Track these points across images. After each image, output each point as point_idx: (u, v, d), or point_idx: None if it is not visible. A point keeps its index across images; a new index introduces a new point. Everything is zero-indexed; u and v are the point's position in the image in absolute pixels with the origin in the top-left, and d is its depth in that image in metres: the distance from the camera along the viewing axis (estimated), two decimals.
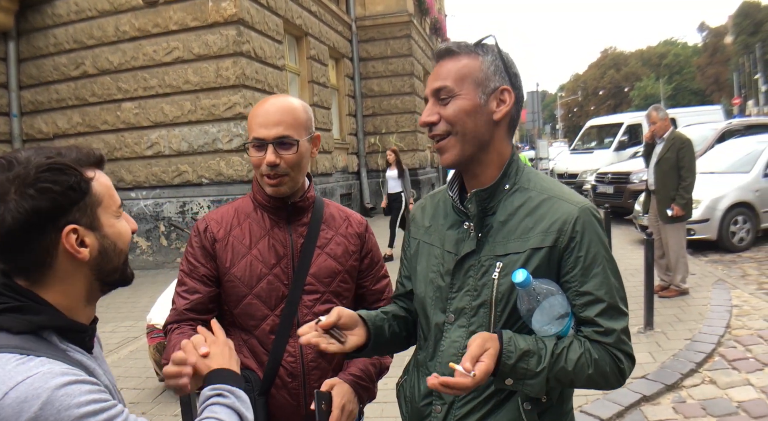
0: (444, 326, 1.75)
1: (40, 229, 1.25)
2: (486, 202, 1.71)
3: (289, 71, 14.09)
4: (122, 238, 1.40)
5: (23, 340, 1.21)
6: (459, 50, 1.70)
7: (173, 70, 11.18)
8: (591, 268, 1.61)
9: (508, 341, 1.55)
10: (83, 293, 1.36)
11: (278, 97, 2.13)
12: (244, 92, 10.91)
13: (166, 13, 11.10)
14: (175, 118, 11.25)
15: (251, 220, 2.15)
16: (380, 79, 19.34)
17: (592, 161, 18.76)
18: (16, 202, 1.21)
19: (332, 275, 2.15)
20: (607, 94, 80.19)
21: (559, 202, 1.67)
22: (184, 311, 2.09)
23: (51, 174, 1.25)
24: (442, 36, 26.60)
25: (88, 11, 11.68)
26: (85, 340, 1.37)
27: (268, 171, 2.02)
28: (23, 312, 1.26)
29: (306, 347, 2.06)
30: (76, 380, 1.15)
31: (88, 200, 1.31)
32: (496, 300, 1.65)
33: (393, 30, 19.20)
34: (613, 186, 14.47)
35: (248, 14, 11.07)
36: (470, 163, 1.73)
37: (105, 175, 1.40)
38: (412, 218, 2.01)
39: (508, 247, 1.66)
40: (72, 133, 12.09)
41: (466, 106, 1.66)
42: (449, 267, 1.75)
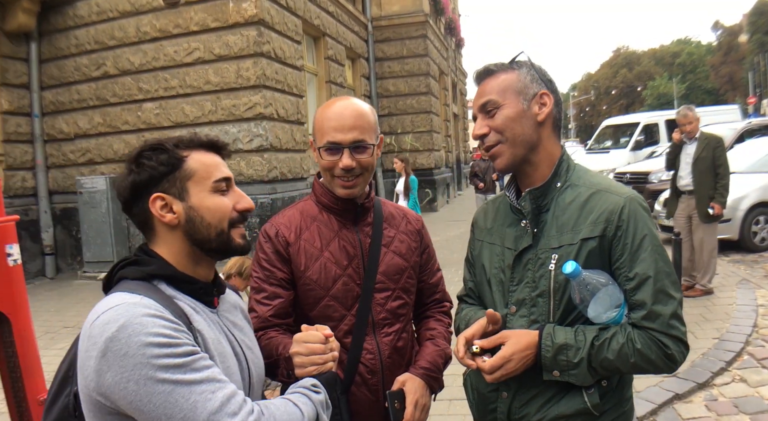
0: (507, 318, 1.88)
1: (140, 196, 1.54)
2: (540, 200, 1.85)
3: (308, 71, 14.14)
4: (212, 212, 1.55)
5: (136, 285, 1.45)
6: (496, 69, 1.89)
7: (194, 71, 11.24)
8: (638, 253, 1.71)
9: (546, 335, 1.74)
10: (185, 253, 1.57)
11: (347, 100, 2.16)
12: (264, 92, 10.96)
13: (187, 14, 11.16)
14: (196, 118, 11.30)
15: (318, 222, 2.18)
16: (396, 79, 19.38)
17: (608, 161, 18.72)
18: (127, 176, 1.54)
19: (400, 272, 2.21)
20: (620, 93, 79.86)
21: (606, 194, 1.79)
22: (269, 317, 2.10)
23: (149, 152, 1.54)
24: (456, 36, 26.61)
25: (110, 12, 11.76)
26: (198, 291, 1.57)
27: (343, 174, 2.06)
28: (139, 264, 1.53)
29: (382, 344, 2.15)
30: (155, 315, 1.34)
31: (178, 174, 1.54)
32: (554, 290, 1.78)
33: (409, 30, 19.23)
34: (631, 186, 14.34)
35: (268, 15, 11.11)
36: (522, 165, 1.88)
37: (213, 155, 1.61)
38: (474, 222, 2.17)
39: (561, 239, 1.79)
40: (93, 133, 12.18)
41: (511, 114, 1.82)
42: (509, 262, 1.90)
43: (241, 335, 1.68)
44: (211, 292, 1.62)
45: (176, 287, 1.53)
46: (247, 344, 1.69)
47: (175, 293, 1.52)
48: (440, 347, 2.25)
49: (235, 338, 1.63)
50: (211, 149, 1.62)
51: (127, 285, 1.45)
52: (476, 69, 1.96)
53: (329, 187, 2.16)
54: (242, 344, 1.65)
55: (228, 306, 1.72)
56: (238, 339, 1.64)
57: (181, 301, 1.50)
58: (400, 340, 2.19)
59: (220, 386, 1.35)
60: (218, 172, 1.59)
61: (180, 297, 1.51)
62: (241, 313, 1.79)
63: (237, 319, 1.72)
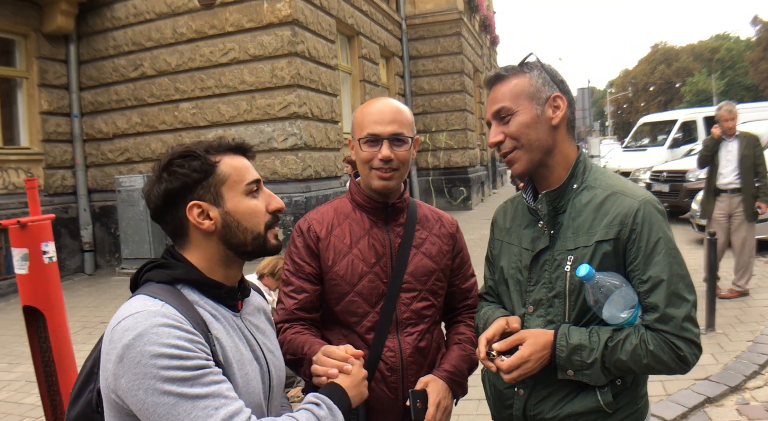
0: (524, 317, 1.92)
1: (174, 204, 1.54)
2: (556, 202, 1.88)
3: (342, 71, 14.18)
4: (248, 216, 1.57)
5: (160, 288, 1.48)
6: (507, 73, 1.89)
7: (229, 71, 11.34)
8: (652, 256, 1.73)
9: (561, 336, 1.77)
10: (218, 258, 1.58)
11: (386, 99, 2.25)
12: (299, 92, 11.01)
13: (222, 15, 11.26)
14: (231, 118, 11.40)
15: (351, 220, 2.24)
16: (430, 78, 19.34)
17: (645, 159, 18.42)
18: (158, 184, 1.54)
19: (428, 274, 2.23)
20: (658, 90, 78.61)
21: (622, 197, 1.80)
22: (295, 310, 2.19)
23: (181, 160, 1.54)
24: (491, 33, 26.47)
25: (146, 14, 11.91)
26: (222, 296, 1.59)
27: (381, 165, 2.13)
28: (165, 268, 1.55)
29: (404, 343, 2.17)
30: (172, 324, 1.36)
31: (211, 180, 1.54)
32: (569, 291, 1.82)
33: (443, 28, 19.16)
34: (668, 184, 14.13)
35: (302, 15, 11.16)
36: (539, 168, 1.90)
37: (241, 158, 1.62)
38: (494, 221, 2.20)
39: (577, 241, 1.81)
40: (131, 133, 12.36)
41: (525, 120, 1.84)
42: (526, 262, 1.94)
43: (263, 339, 1.70)
44: (235, 296, 1.64)
45: (200, 291, 1.55)
46: (269, 347, 1.71)
47: (198, 297, 1.54)
48: (466, 352, 2.26)
49: (257, 342, 1.65)
50: (238, 152, 1.64)
51: (151, 288, 1.48)
52: (486, 75, 2.00)
53: (366, 182, 2.21)
54: (264, 347, 1.67)
55: (252, 309, 1.74)
56: (260, 343, 1.66)
57: (203, 307, 1.52)
58: (423, 340, 2.20)
59: (225, 402, 1.35)
60: (249, 174, 1.61)
61: (202, 302, 1.53)
62: (265, 316, 1.81)
63: (260, 322, 1.75)
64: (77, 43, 12.47)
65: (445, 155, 19.35)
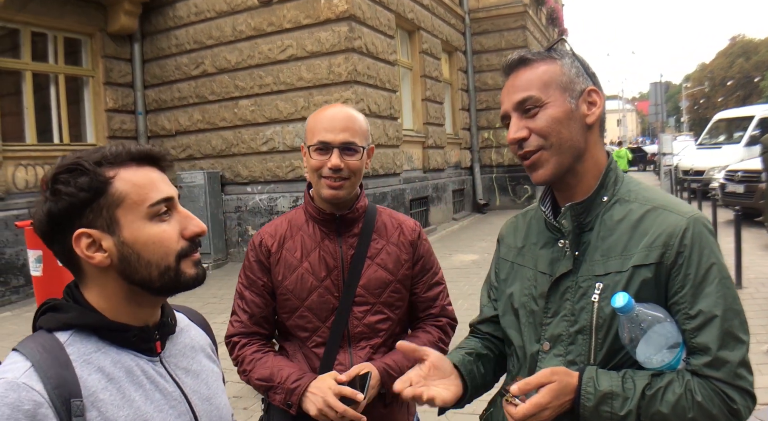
0: (538, 356, 1.60)
1: (61, 230, 1.24)
2: (582, 217, 1.57)
3: (402, 66, 14.07)
4: (151, 247, 1.26)
5: (40, 342, 1.21)
6: (534, 58, 1.59)
7: (287, 68, 11.37)
8: (703, 286, 1.42)
9: (588, 380, 1.43)
10: (121, 296, 1.29)
11: (340, 105, 2.19)
12: (356, 88, 10.95)
13: (280, 12, 11.29)
14: (289, 114, 11.44)
15: (303, 232, 2.20)
16: (494, 73, 18.98)
17: (720, 157, 17.68)
18: (42, 205, 1.24)
19: (382, 286, 2.15)
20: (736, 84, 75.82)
21: (665, 213, 1.50)
22: (248, 324, 2.19)
23: (66, 175, 1.23)
24: (559, 26, 25.90)
25: (207, 12, 12.05)
26: (131, 340, 1.30)
27: (331, 174, 2.06)
28: (58, 310, 1.27)
29: (356, 357, 2.11)
30: (16, 406, 1.09)
31: (103, 201, 1.24)
32: (596, 326, 1.49)
33: (507, 21, 18.80)
34: (743, 185, 13.40)
35: (360, 10, 11.09)
36: (565, 175, 1.58)
37: (148, 170, 1.30)
38: (501, 239, 1.89)
39: (608, 265, 1.50)
40: (192, 130, 12.55)
41: (558, 114, 1.53)
42: (543, 289, 1.61)
43: (194, 384, 1.41)
44: (150, 337, 1.34)
45: (101, 337, 1.27)
46: (203, 394, 1.42)
47: (93, 348, 1.25)
48: None
49: (182, 390, 1.36)
50: (145, 163, 1.31)
51: (31, 341, 1.22)
52: (506, 58, 1.65)
53: (317, 190, 2.15)
54: (192, 395, 1.38)
55: (182, 348, 1.44)
56: (186, 391, 1.37)
57: (93, 364, 1.23)
58: (377, 354, 2.14)
59: None
60: (155, 192, 1.28)
61: (95, 356, 1.24)
62: (204, 355, 1.51)
63: (193, 364, 1.44)
64: (141, 42, 12.74)
65: (509, 152, 18.93)
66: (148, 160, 1.31)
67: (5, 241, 9.57)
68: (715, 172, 16.61)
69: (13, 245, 9.63)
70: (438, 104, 15.81)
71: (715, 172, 16.49)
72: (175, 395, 1.33)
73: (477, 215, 18.13)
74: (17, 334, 7.73)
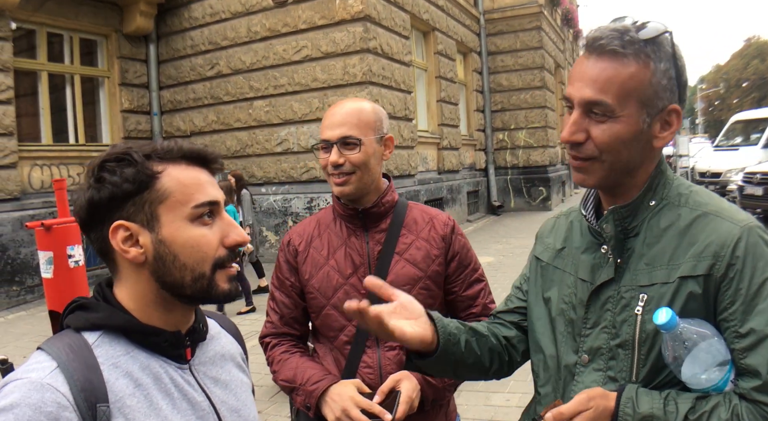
0: (575, 368, 1.48)
1: (100, 220, 1.20)
2: (627, 222, 1.44)
3: (417, 67, 14.02)
4: (188, 249, 1.21)
5: (67, 342, 1.17)
6: (626, 50, 1.33)
7: (302, 69, 11.36)
8: (755, 303, 1.28)
9: (626, 402, 1.31)
10: (151, 298, 1.24)
11: (349, 100, 2.15)
12: (371, 89, 10.92)
13: (295, 13, 11.29)
14: (304, 115, 11.43)
15: (330, 230, 2.16)
16: (509, 74, 18.92)
17: (737, 159, 17.48)
18: (84, 192, 1.20)
19: (411, 282, 2.05)
20: (752, 86, 75.18)
21: (716, 220, 1.36)
22: (279, 324, 2.18)
23: (113, 164, 1.19)
24: (574, 27, 25.80)
25: (222, 13, 12.06)
26: (161, 345, 1.24)
27: (333, 171, 2.03)
28: (86, 309, 1.22)
29: (385, 358, 2.02)
30: (17, 412, 1.04)
31: (146, 195, 1.19)
32: (639, 341, 1.37)
33: (522, 22, 18.71)
34: (762, 187, 13.18)
35: (375, 11, 11.06)
36: (612, 186, 1.47)
37: (197, 171, 1.26)
38: (538, 236, 1.76)
39: (653, 276, 1.37)
40: (207, 130, 12.57)
41: (624, 134, 1.36)
42: (583, 298, 1.49)
43: (223, 394, 1.35)
44: (181, 343, 1.28)
45: (130, 340, 1.22)
46: (231, 405, 1.36)
47: (122, 351, 1.20)
48: None
49: (210, 399, 1.31)
50: (196, 162, 1.27)
51: (57, 341, 1.18)
52: (594, 33, 1.38)
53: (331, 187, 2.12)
54: (220, 405, 1.32)
55: (213, 356, 1.38)
56: (214, 400, 1.31)
57: (121, 368, 1.18)
58: None
59: None
60: (200, 193, 1.23)
61: (123, 360, 1.19)
62: (233, 365, 1.45)
63: (222, 373, 1.38)
64: (156, 42, 12.78)
65: (524, 154, 18.90)
66: (200, 160, 1.27)
67: (20, 240, 9.61)
68: (732, 174, 16.43)
69: (28, 244, 9.66)
70: (453, 105, 15.75)
71: (732, 175, 16.30)
72: (203, 405, 1.28)
73: (491, 216, 18.05)
74: (32, 333, 7.75)
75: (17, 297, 9.48)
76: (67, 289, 3.02)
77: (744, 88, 76.30)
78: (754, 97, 73.26)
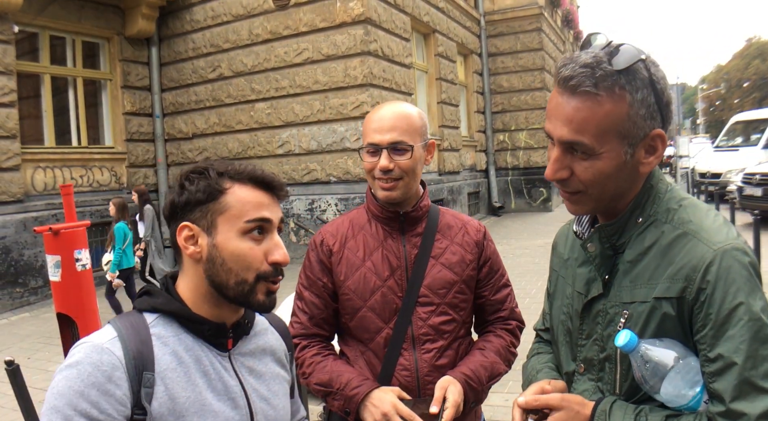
0: (573, 376, 1.54)
1: (175, 218, 1.44)
2: (614, 239, 1.44)
3: (417, 69, 14.08)
4: (235, 258, 1.40)
5: (130, 319, 1.41)
6: (598, 90, 1.30)
7: (303, 71, 11.43)
8: (725, 329, 1.27)
9: (600, 414, 1.35)
10: (203, 292, 1.44)
11: (394, 103, 2.13)
12: (372, 91, 10.98)
13: (296, 15, 11.35)
14: (305, 117, 11.49)
15: (365, 232, 2.14)
16: (510, 75, 18.97)
17: (737, 160, 17.48)
18: (171, 194, 1.46)
19: (447, 286, 2.08)
20: (752, 86, 75.00)
21: (693, 241, 1.34)
22: (308, 325, 2.15)
23: (195, 175, 1.43)
24: (574, 28, 25.84)
25: (224, 16, 12.13)
26: (205, 333, 1.45)
27: (381, 176, 2.02)
28: (150, 295, 1.46)
29: (421, 360, 2.04)
30: (80, 368, 1.28)
31: (212, 205, 1.41)
32: (621, 356, 1.40)
33: (523, 24, 18.76)
34: (762, 188, 13.14)
35: (375, 13, 11.12)
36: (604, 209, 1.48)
37: (260, 193, 1.44)
38: (554, 246, 1.78)
39: (634, 294, 1.39)
40: (209, 132, 12.63)
41: (608, 169, 1.35)
42: (578, 309, 1.53)
43: (256, 384, 1.52)
44: (223, 334, 1.47)
45: (181, 325, 1.43)
46: (262, 394, 1.53)
47: (173, 332, 1.42)
48: (487, 359, 2.09)
49: (243, 387, 1.48)
50: (261, 186, 1.45)
51: (126, 318, 1.42)
52: (565, 71, 1.34)
53: (373, 192, 2.12)
54: (252, 393, 1.50)
55: (253, 349, 1.56)
56: (247, 388, 1.49)
57: (170, 345, 1.39)
58: (442, 357, 2.06)
59: None
60: (255, 211, 1.41)
61: (173, 339, 1.41)
62: (273, 359, 1.62)
63: (260, 365, 1.56)
64: (158, 45, 12.86)
65: (525, 155, 18.95)
66: (264, 185, 1.46)
67: (24, 243, 9.67)
68: (732, 174, 16.43)
69: (31, 246, 9.72)
70: (453, 107, 15.81)
71: (732, 175, 16.29)
72: (235, 389, 1.46)
73: (492, 217, 18.09)
74: (36, 335, 7.80)
75: (20, 298, 9.55)
76: (75, 291, 3.08)
77: (745, 88, 76.19)
78: (755, 97, 73.14)
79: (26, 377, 3.07)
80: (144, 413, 1.31)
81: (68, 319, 3.12)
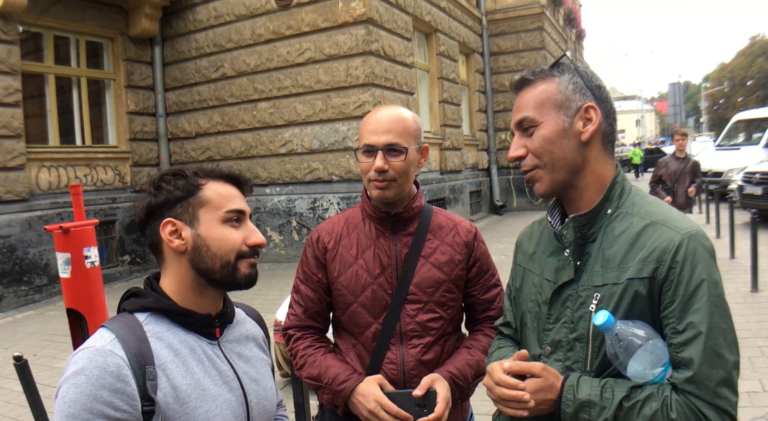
0: (540, 359, 1.66)
1: (154, 218, 1.57)
2: (585, 229, 1.62)
3: (419, 68, 14.14)
4: (219, 243, 1.56)
5: (123, 321, 1.51)
6: (534, 77, 1.65)
7: (305, 71, 11.49)
8: (692, 301, 1.44)
9: (569, 388, 1.51)
10: (189, 283, 1.58)
11: (390, 107, 2.20)
12: (373, 90, 11.05)
13: (298, 15, 11.42)
14: (307, 117, 11.56)
15: (359, 230, 2.23)
16: (511, 74, 18.79)
17: (739, 159, 17.50)
18: (145, 199, 1.58)
19: (435, 285, 2.16)
20: (756, 84, 74.85)
21: (662, 228, 1.52)
22: (303, 317, 2.27)
23: (169, 177, 1.58)
24: (576, 27, 25.86)
25: (226, 16, 12.20)
26: (195, 325, 1.58)
27: (376, 176, 2.10)
28: (138, 296, 1.58)
29: (407, 355, 2.14)
30: (104, 369, 1.38)
31: (191, 200, 1.56)
32: (593, 335, 1.54)
33: (524, 23, 18.82)
34: (761, 187, 13.19)
35: (377, 13, 11.19)
36: (566, 190, 1.65)
37: (231, 188, 1.63)
38: (518, 245, 1.94)
39: (606, 277, 1.55)
40: (212, 132, 12.70)
41: (549, 134, 1.60)
42: (547, 296, 1.68)
43: (246, 367, 1.68)
44: (211, 323, 1.62)
45: (171, 320, 1.56)
46: (252, 376, 1.68)
47: (165, 327, 1.54)
48: (473, 357, 2.17)
49: (235, 371, 1.63)
50: (231, 182, 1.64)
51: (116, 321, 1.52)
52: (512, 78, 1.71)
53: (368, 192, 2.20)
54: (244, 376, 1.65)
55: (238, 336, 1.72)
56: (238, 372, 1.64)
57: (164, 339, 1.52)
58: (428, 353, 2.15)
59: None
60: (232, 203, 1.59)
61: (167, 334, 1.53)
62: (255, 344, 1.78)
63: (245, 350, 1.72)
64: (161, 45, 12.92)
65: None
66: (234, 181, 1.65)
67: (29, 241, 9.76)
68: (733, 173, 16.45)
69: (36, 245, 9.81)
70: (455, 106, 15.87)
71: (734, 174, 16.31)
72: (228, 373, 1.60)
73: (494, 216, 18.16)
74: (41, 332, 7.89)
75: (26, 297, 9.63)
76: (84, 288, 3.17)
77: (749, 86, 76.06)
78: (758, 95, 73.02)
79: (32, 374, 3.15)
80: (152, 404, 1.41)
81: (78, 314, 3.21)
